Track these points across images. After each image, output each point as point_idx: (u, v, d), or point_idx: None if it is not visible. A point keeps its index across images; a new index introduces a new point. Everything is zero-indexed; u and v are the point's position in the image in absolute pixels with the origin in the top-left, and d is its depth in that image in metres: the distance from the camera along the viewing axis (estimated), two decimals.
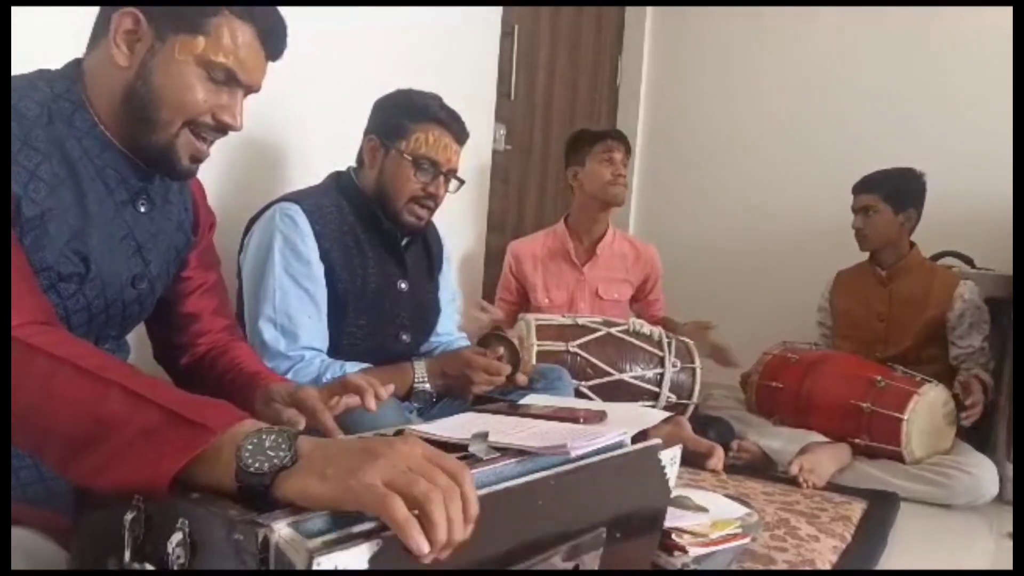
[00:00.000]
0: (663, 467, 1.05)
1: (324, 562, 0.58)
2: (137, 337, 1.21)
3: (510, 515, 0.80)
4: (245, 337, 1.38)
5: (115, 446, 0.69)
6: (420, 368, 1.57)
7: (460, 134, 1.68)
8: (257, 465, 0.65)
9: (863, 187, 2.46)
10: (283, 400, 1.08)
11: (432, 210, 1.69)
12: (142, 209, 1.05)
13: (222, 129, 1.03)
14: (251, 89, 1.05)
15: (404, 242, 1.72)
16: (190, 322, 1.21)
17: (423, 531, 0.61)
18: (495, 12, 2.73)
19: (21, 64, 0.99)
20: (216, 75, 0.99)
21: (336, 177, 1.71)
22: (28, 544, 0.81)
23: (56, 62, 1.01)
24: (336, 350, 1.60)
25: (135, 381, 0.74)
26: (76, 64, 1.01)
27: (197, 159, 1.04)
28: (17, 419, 0.74)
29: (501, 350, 1.61)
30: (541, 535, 0.84)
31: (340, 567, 0.59)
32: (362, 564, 0.61)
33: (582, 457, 0.91)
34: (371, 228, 1.66)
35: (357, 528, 0.64)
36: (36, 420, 0.73)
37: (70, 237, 0.95)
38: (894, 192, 2.40)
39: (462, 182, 1.73)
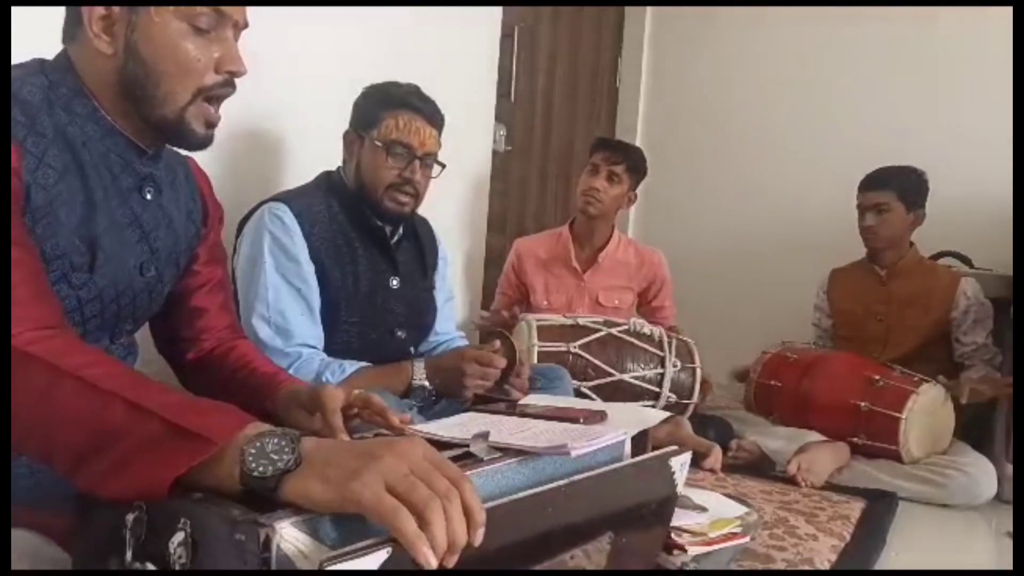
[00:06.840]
0: (673, 473, 1.04)
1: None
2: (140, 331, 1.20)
3: (520, 524, 0.80)
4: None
5: (117, 457, 0.69)
6: (419, 367, 1.58)
7: (432, 116, 1.67)
8: (261, 469, 0.65)
9: (874, 184, 2.40)
10: (306, 403, 1.06)
11: (414, 196, 1.67)
12: (148, 196, 1.04)
13: (230, 82, 1.01)
14: (238, 24, 1.01)
15: (395, 240, 1.72)
16: (197, 317, 1.20)
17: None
18: (495, 12, 2.73)
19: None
20: (200, 22, 0.96)
21: (326, 176, 1.72)
22: (29, 545, 0.81)
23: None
24: (330, 348, 1.60)
25: (136, 391, 0.74)
26: (65, 53, 0.99)
27: (212, 124, 1.03)
28: (23, 430, 0.74)
29: (497, 343, 1.60)
30: (549, 543, 0.84)
31: None
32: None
33: (586, 461, 0.91)
34: (360, 225, 1.67)
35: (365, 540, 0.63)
36: (40, 431, 0.73)
37: (77, 224, 0.94)
38: (907, 190, 2.36)
39: (443, 166, 1.72)
